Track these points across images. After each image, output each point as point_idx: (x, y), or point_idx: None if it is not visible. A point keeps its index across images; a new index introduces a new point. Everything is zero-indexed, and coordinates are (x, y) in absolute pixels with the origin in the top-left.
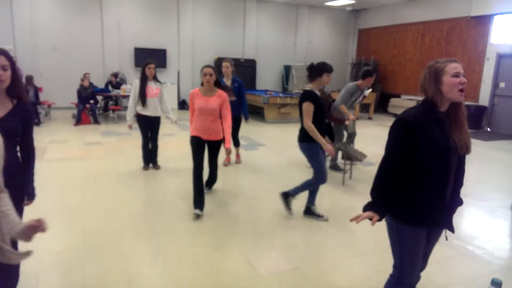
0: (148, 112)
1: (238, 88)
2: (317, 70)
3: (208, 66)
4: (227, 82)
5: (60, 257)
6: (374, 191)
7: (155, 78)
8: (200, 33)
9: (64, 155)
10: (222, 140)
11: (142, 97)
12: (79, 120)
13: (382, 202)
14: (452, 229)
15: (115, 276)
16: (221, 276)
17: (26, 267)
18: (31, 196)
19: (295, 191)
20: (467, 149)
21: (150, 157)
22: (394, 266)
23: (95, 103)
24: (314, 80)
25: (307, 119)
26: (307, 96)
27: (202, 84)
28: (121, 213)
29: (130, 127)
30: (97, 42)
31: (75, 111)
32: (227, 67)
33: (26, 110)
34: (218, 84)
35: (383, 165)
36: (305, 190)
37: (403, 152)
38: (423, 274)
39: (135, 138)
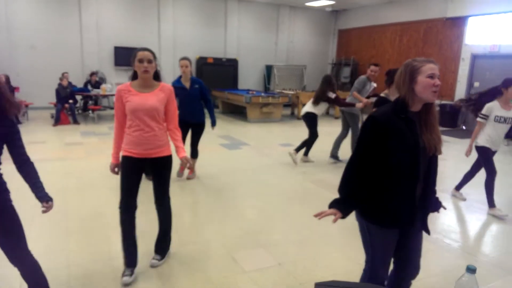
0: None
1: (200, 90)
2: (393, 76)
3: (146, 49)
4: (186, 83)
5: (43, 258)
6: (341, 188)
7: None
8: (181, 32)
9: (44, 156)
10: (169, 157)
11: None
12: (58, 120)
13: (348, 200)
14: (427, 231)
15: (102, 276)
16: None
17: (7, 270)
18: (47, 198)
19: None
20: (435, 150)
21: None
22: (366, 262)
23: (74, 103)
24: (390, 87)
25: None
26: (380, 103)
27: (134, 75)
28: (105, 213)
29: None
30: (76, 41)
31: (53, 111)
32: (186, 66)
33: (5, 125)
34: (158, 77)
35: (351, 161)
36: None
37: (371, 149)
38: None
39: None
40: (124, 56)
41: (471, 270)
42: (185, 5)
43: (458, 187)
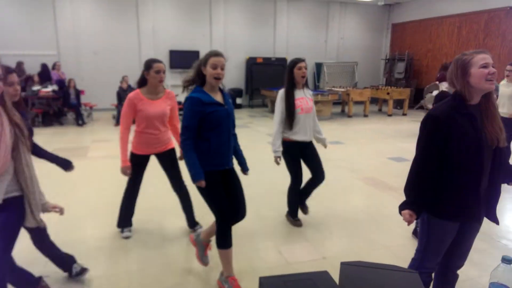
0: (303, 136)
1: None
2: None
3: (160, 61)
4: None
5: (105, 243)
6: (410, 190)
7: (306, 84)
8: (231, 33)
9: (107, 153)
10: (174, 149)
11: (292, 112)
12: (119, 121)
13: (418, 201)
14: (496, 221)
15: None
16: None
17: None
18: (68, 163)
19: None
20: (498, 142)
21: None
22: (417, 251)
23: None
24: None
25: None
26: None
27: (143, 83)
28: (168, 202)
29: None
30: (134, 46)
31: (115, 112)
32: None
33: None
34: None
35: (416, 163)
36: None
37: (435, 149)
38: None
39: None
40: (179, 59)
41: (507, 260)
42: (235, 7)
43: None
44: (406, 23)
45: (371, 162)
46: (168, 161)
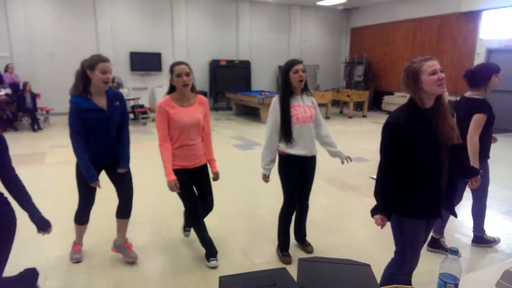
0: (301, 149)
1: (121, 109)
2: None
3: (182, 62)
4: (100, 100)
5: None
6: (378, 196)
7: (306, 89)
8: (194, 35)
9: (65, 159)
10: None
11: (288, 123)
12: None
13: (388, 205)
14: (454, 214)
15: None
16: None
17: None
18: (44, 225)
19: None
20: (451, 140)
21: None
22: (395, 252)
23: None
24: (476, 88)
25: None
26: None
27: (172, 90)
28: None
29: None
30: (92, 48)
31: None
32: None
33: None
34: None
35: (380, 169)
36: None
37: (395, 154)
38: None
39: (141, 141)
40: (140, 61)
41: (454, 252)
42: (197, 9)
43: None
44: (364, 27)
45: (333, 163)
46: (201, 177)
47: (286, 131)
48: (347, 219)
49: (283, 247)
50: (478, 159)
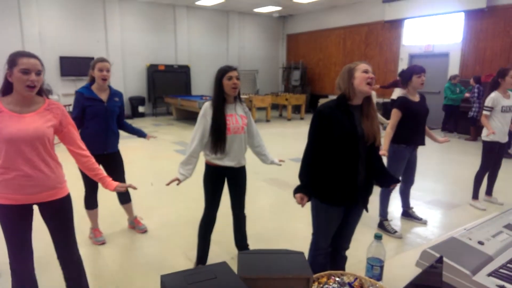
0: (230, 161)
1: (120, 106)
2: (405, 77)
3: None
4: (101, 94)
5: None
6: (302, 175)
7: (239, 97)
8: (129, 39)
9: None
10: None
11: (220, 134)
12: None
13: (309, 185)
14: (366, 209)
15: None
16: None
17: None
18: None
19: (383, 210)
20: (374, 139)
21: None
22: (312, 234)
23: None
24: (406, 87)
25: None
26: (401, 103)
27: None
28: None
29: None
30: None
31: None
32: (108, 71)
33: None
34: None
35: (305, 152)
36: (387, 202)
37: (319, 138)
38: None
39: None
40: (71, 66)
41: (377, 237)
42: (132, 13)
43: (489, 192)
44: (299, 34)
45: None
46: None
47: (218, 142)
48: (288, 216)
49: (201, 258)
50: (391, 142)
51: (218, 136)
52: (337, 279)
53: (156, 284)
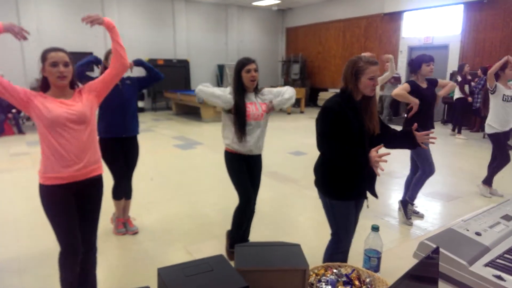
0: (249, 147)
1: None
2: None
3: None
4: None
5: None
6: (348, 157)
7: (257, 89)
8: (128, 34)
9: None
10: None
11: (241, 119)
12: (1, 131)
13: (359, 151)
14: (375, 195)
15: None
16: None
17: None
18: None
19: (412, 194)
20: (373, 130)
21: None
22: (331, 234)
23: (18, 112)
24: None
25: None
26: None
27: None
28: None
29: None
30: (16, 48)
31: None
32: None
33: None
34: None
35: (331, 148)
36: (420, 186)
37: (334, 135)
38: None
39: None
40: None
41: (375, 228)
42: (130, 7)
43: (488, 182)
44: (298, 27)
45: (273, 158)
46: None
47: (240, 127)
48: (288, 210)
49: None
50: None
51: (239, 121)
52: (335, 270)
53: (156, 278)
